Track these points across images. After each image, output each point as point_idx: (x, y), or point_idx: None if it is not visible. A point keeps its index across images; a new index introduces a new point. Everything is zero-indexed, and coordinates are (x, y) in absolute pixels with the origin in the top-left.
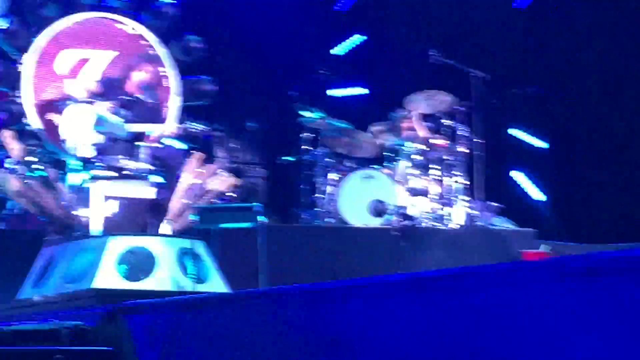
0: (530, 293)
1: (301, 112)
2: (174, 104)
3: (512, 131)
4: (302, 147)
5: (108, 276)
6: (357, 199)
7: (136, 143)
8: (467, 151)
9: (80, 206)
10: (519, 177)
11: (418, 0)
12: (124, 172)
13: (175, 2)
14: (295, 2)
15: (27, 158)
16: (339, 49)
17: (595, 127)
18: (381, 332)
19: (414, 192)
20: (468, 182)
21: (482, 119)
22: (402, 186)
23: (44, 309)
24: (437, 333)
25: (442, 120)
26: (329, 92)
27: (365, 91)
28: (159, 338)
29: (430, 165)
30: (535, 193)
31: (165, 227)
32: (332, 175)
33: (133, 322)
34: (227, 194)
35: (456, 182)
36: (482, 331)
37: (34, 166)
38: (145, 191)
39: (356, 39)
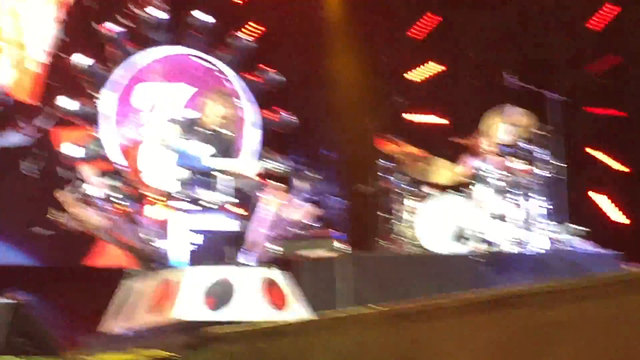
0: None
1: (378, 140)
2: (251, 137)
3: (593, 153)
4: (380, 174)
5: (189, 306)
6: (436, 225)
7: (216, 176)
8: (548, 174)
9: (160, 238)
10: (600, 200)
11: (492, 25)
12: (204, 205)
13: (250, 37)
14: (370, 29)
15: (107, 192)
16: (415, 75)
17: None
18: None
19: (495, 217)
20: (550, 206)
21: (561, 142)
22: (482, 211)
23: (127, 340)
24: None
25: (521, 144)
26: (406, 116)
27: (444, 121)
28: None
29: (510, 190)
30: (618, 216)
31: (245, 258)
32: (411, 202)
33: (216, 351)
34: (306, 223)
35: (537, 206)
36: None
37: (114, 200)
38: (225, 223)
39: (432, 66)
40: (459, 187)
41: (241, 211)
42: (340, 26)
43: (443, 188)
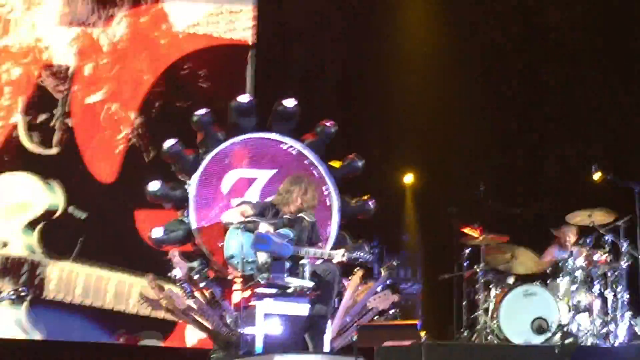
0: None
1: (461, 227)
2: (335, 222)
3: None
4: (463, 263)
5: None
6: (518, 316)
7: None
8: (625, 264)
9: (245, 325)
10: None
11: (577, 117)
12: (286, 290)
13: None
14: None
15: (193, 276)
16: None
17: None
18: None
19: (577, 309)
20: (630, 297)
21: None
22: (564, 303)
23: None
24: None
25: (605, 236)
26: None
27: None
28: None
29: (593, 281)
30: None
31: (328, 345)
32: (494, 292)
33: None
34: (385, 310)
35: (620, 297)
36: None
37: (200, 285)
38: (304, 309)
39: None
40: (543, 279)
41: (322, 297)
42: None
43: (526, 279)
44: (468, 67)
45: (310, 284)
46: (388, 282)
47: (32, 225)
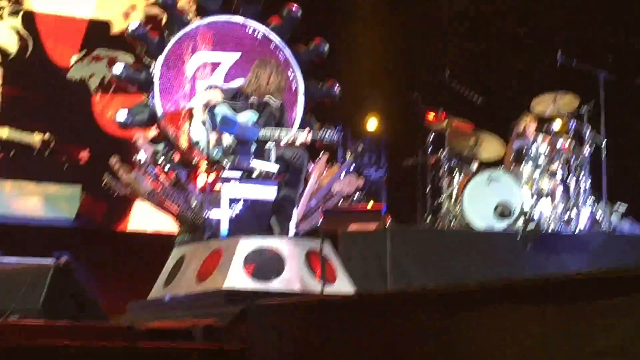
0: None
1: (426, 112)
2: (299, 106)
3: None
4: (427, 148)
5: (238, 276)
6: (482, 201)
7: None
8: (593, 152)
9: (210, 207)
10: None
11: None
12: (251, 174)
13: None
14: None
15: (158, 160)
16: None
17: None
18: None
19: (540, 195)
20: (592, 184)
21: (608, 119)
22: (527, 188)
23: (175, 308)
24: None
25: (568, 122)
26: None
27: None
28: (287, 338)
29: (555, 167)
30: None
31: (293, 228)
32: (457, 178)
33: (262, 322)
34: (350, 194)
35: (582, 183)
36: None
37: (165, 168)
38: (270, 192)
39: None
40: (507, 164)
41: (290, 182)
42: None
43: (490, 165)
44: None
45: (276, 167)
46: (352, 166)
47: None
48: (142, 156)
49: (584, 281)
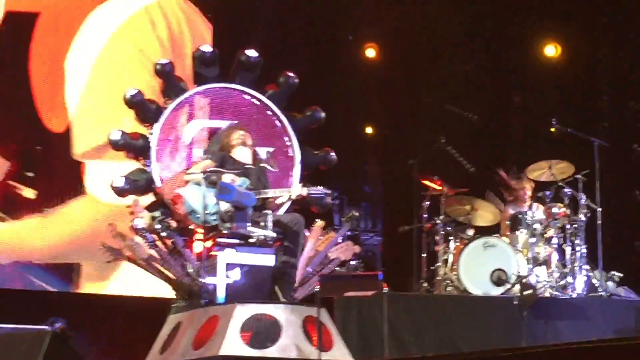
0: None
1: (422, 179)
2: (296, 173)
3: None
4: (423, 215)
5: (234, 344)
6: (478, 267)
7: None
8: (584, 218)
9: (207, 274)
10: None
11: (536, 69)
12: (249, 240)
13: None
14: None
15: (155, 226)
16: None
17: None
18: None
19: (536, 261)
20: (587, 251)
21: (604, 187)
22: (523, 255)
23: None
24: None
25: (564, 189)
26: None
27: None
28: None
29: (551, 234)
30: None
31: (291, 295)
32: (453, 244)
33: None
34: (345, 260)
35: (578, 250)
36: None
37: (162, 234)
38: (268, 259)
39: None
40: (502, 231)
41: (290, 247)
42: (381, 65)
43: (486, 231)
44: (432, 20)
45: (273, 234)
46: (349, 233)
47: None
48: (138, 222)
49: (581, 350)
